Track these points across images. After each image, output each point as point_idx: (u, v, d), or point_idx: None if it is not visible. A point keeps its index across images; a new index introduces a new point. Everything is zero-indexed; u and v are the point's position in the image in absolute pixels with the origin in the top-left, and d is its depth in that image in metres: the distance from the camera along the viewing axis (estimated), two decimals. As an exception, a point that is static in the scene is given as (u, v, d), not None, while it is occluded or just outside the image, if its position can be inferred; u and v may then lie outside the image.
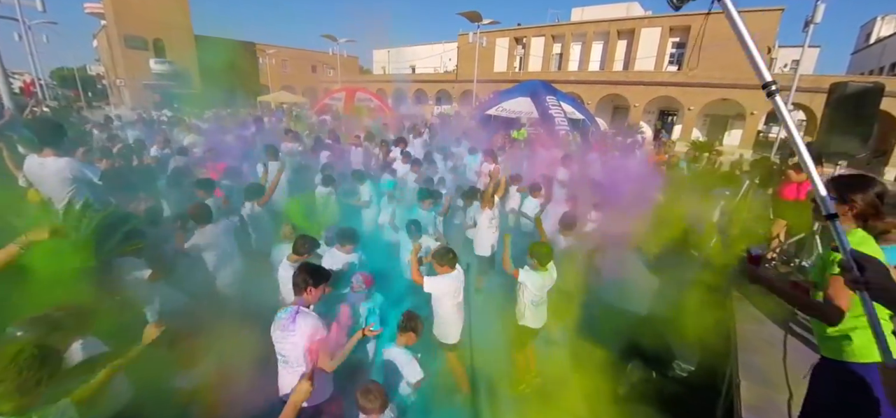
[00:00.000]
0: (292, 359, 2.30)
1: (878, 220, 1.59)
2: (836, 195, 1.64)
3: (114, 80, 28.84)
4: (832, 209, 1.22)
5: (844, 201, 1.62)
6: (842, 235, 1.19)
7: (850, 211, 1.61)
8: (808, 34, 11.07)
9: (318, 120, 14.43)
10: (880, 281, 1.08)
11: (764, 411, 2.52)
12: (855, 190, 1.61)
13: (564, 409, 3.50)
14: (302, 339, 2.26)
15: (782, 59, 25.60)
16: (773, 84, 1.28)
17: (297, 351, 2.27)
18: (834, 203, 1.62)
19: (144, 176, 5.23)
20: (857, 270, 1.10)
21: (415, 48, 36.29)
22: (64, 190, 3.10)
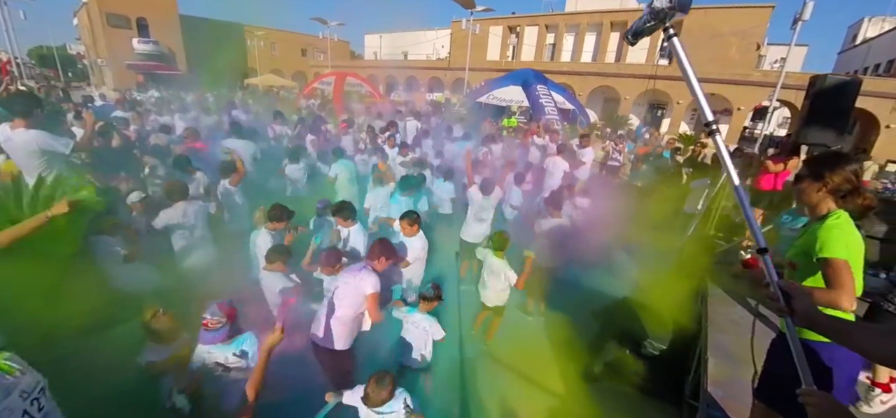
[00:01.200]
0: (340, 301, 2.65)
1: (855, 196, 1.58)
2: (808, 171, 1.64)
3: (95, 60, 27.87)
4: (764, 244, 1.31)
5: (818, 179, 1.61)
6: (771, 268, 1.29)
7: (824, 187, 1.60)
8: (796, 32, 11.21)
9: (306, 104, 14.23)
10: (805, 310, 1.18)
11: (728, 386, 2.63)
12: (827, 167, 1.60)
13: (542, 386, 3.60)
14: (361, 289, 2.62)
15: (772, 56, 25.93)
16: (715, 123, 1.39)
17: (349, 297, 2.64)
18: (807, 181, 1.65)
19: (124, 155, 5.15)
20: (783, 301, 1.21)
21: (407, 34, 35.81)
22: (33, 162, 3.01)
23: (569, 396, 3.51)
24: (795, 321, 1.21)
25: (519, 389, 3.53)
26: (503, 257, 3.59)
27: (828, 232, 1.56)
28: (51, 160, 3.09)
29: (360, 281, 2.65)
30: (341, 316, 2.65)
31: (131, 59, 26.54)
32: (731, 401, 2.50)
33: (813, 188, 1.63)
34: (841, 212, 1.59)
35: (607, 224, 5.98)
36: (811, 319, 1.18)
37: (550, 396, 3.51)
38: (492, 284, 3.67)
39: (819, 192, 1.61)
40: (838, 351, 1.54)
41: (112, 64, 25.90)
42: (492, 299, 3.71)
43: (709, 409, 2.47)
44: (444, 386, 3.47)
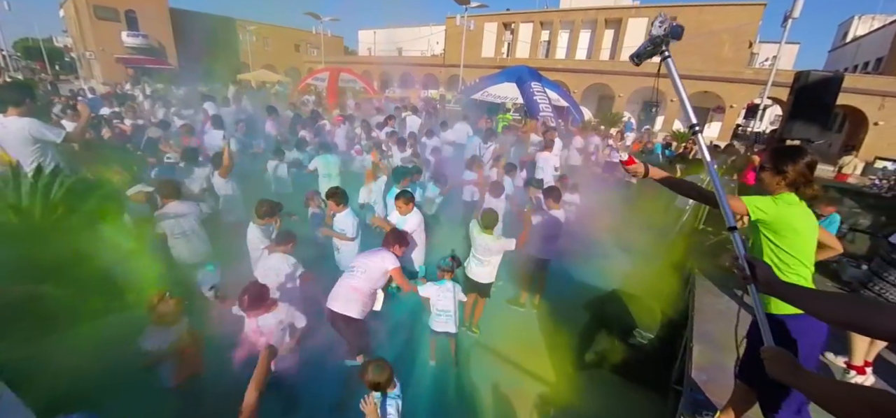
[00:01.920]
0: (360, 275, 3.00)
1: (807, 187, 1.77)
2: (770, 164, 1.81)
3: (83, 53, 27.36)
4: (733, 223, 1.53)
5: (779, 172, 1.78)
6: (739, 244, 1.48)
7: (783, 179, 1.77)
8: (787, 29, 11.38)
9: (300, 100, 14.16)
10: (765, 277, 1.36)
11: (711, 370, 2.73)
12: (787, 161, 1.77)
13: (533, 375, 3.69)
14: (382, 265, 3.02)
15: (764, 54, 26.24)
16: (696, 126, 1.64)
17: (370, 271, 3.00)
18: (769, 172, 1.83)
19: (116, 148, 5.16)
20: (748, 270, 1.38)
21: (402, 30, 35.65)
22: (27, 151, 3.03)
23: (559, 384, 3.61)
24: (759, 288, 1.37)
25: (510, 378, 3.61)
26: (491, 233, 3.68)
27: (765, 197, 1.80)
28: (43, 149, 3.11)
29: (382, 259, 3.05)
30: (359, 287, 2.98)
31: (120, 52, 26.11)
32: (714, 385, 2.60)
33: (774, 180, 1.80)
34: (790, 194, 1.78)
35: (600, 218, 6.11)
36: (770, 285, 1.34)
37: (541, 384, 3.60)
38: (485, 262, 3.74)
39: (778, 184, 1.79)
40: (804, 322, 1.71)
41: (100, 57, 25.45)
42: (480, 275, 3.78)
43: (692, 393, 2.56)
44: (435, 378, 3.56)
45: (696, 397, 2.51)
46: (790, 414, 1.81)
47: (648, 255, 5.91)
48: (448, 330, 3.47)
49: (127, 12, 26.46)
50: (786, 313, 1.72)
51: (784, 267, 1.76)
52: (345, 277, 3.05)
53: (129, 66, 24.78)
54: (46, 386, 2.11)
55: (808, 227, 1.77)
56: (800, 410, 1.81)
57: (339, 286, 3.03)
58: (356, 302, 2.97)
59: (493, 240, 3.65)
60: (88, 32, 25.95)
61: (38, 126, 3.11)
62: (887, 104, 16.14)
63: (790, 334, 1.75)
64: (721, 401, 2.30)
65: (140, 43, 26.68)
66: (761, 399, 1.95)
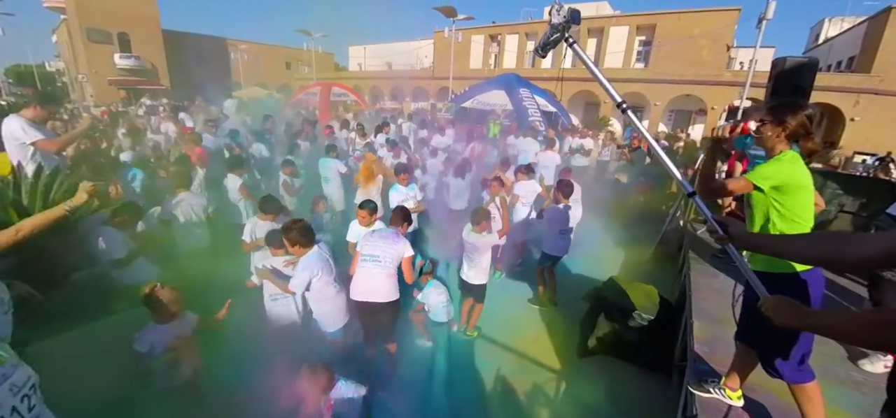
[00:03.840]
0: (385, 260, 3.02)
1: (807, 141, 1.73)
2: (771, 117, 1.77)
3: (75, 76, 27.24)
4: (690, 189, 1.61)
5: (780, 123, 1.74)
6: (704, 208, 1.57)
7: (784, 132, 1.72)
8: (761, 31, 11.84)
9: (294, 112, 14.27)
10: (737, 233, 1.42)
11: (713, 342, 2.80)
12: (787, 112, 1.72)
13: (540, 363, 3.72)
14: (401, 252, 3.06)
15: (740, 59, 27.12)
16: (624, 103, 1.74)
17: (393, 257, 3.03)
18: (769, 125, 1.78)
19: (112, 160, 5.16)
20: (720, 230, 1.43)
21: (390, 45, 36.17)
22: (23, 153, 3.06)
23: (565, 371, 3.64)
24: (735, 244, 1.43)
25: (517, 370, 3.63)
26: (479, 231, 3.65)
27: (767, 163, 1.78)
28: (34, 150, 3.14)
29: (400, 245, 3.08)
30: (391, 273, 3.05)
31: (113, 74, 26.07)
32: (716, 355, 2.67)
33: (774, 132, 1.75)
34: (788, 150, 1.75)
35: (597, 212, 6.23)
36: (744, 239, 1.41)
37: (546, 372, 3.63)
38: (474, 262, 3.73)
39: (778, 137, 1.76)
40: (800, 278, 1.71)
41: (93, 80, 25.36)
42: (471, 276, 3.77)
43: (696, 364, 2.62)
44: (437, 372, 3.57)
45: (701, 368, 2.57)
46: (791, 368, 1.83)
47: (644, 245, 6.03)
48: (447, 318, 3.87)
49: (120, 35, 26.56)
50: (781, 271, 1.71)
51: (793, 225, 1.73)
52: (371, 268, 3.00)
53: (122, 87, 24.72)
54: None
55: (810, 182, 1.73)
56: (802, 361, 1.81)
57: (369, 279, 3.00)
58: (393, 285, 3.08)
59: (479, 237, 3.64)
60: (81, 55, 25.92)
61: (28, 125, 3.14)
62: (862, 100, 16.76)
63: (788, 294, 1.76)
64: (724, 369, 2.36)
65: (132, 64, 26.70)
66: (762, 357, 1.98)
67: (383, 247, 3.05)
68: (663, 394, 3.30)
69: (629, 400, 3.32)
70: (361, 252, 3.06)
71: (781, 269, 1.73)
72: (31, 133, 3.15)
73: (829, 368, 2.55)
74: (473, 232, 3.65)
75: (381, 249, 3.04)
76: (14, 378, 1.37)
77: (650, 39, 22.51)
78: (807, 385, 1.84)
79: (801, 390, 1.86)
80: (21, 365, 1.44)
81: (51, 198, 2.79)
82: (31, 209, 2.67)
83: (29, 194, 2.68)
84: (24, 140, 3.13)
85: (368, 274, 3.01)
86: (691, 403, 2.31)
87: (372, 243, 3.07)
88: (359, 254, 3.09)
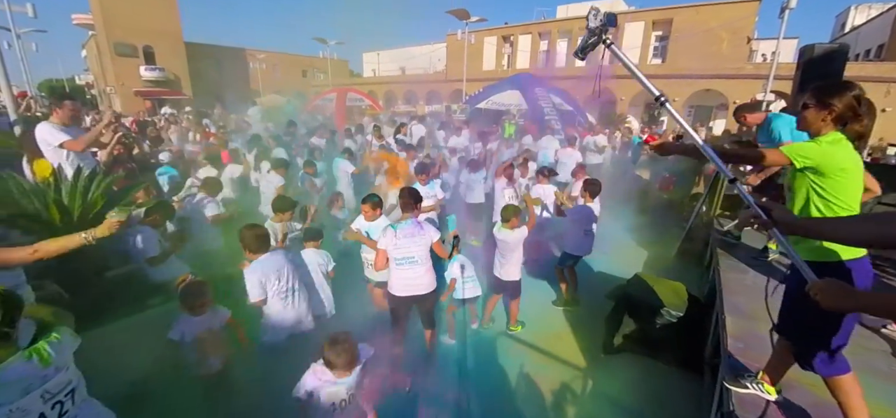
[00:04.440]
0: (421, 258, 3.04)
1: (855, 122, 1.63)
2: (814, 100, 1.67)
3: (103, 88, 28.54)
4: (732, 176, 1.60)
5: (824, 106, 1.63)
6: (745, 194, 1.52)
7: (830, 115, 1.62)
8: (784, 20, 11.47)
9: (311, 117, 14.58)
10: (782, 217, 1.36)
11: (746, 339, 2.71)
12: (833, 94, 1.63)
13: (565, 361, 3.67)
14: (430, 239, 3.06)
15: (762, 51, 26.28)
16: (662, 95, 1.78)
17: (425, 250, 3.04)
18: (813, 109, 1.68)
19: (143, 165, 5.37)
20: (764, 214, 1.38)
21: (404, 49, 36.52)
22: (59, 156, 3.22)
23: (590, 369, 3.58)
24: (780, 229, 1.38)
25: (539, 366, 3.60)
26: (510, 227, 3.67)
27: (806, 142, 1.69)
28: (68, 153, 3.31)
29: (426, 234, 3.08)
30: (426, 270, 3.10)
31: (138, 85, 27.19)
32: (750, 351, 2.58)
33: (819, 116, 1.66)
34: (834, 132, 1.65)
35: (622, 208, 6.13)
36: (789, 222, 1.36)
37: (572, 369, 3.57)
38: (507, 258, 3.75)
39: (823, 120, 1.66)
40: (847, 267, 1.62)
41: (120, 91, 26.52)
42: (507, 273, 3.78)
43: (730, 360, 2.54)
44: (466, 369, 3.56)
45: (735, 364, 2.49)
46: (825, 363, 1.76)
47: (668, 242, 5.89)
48: (477, 293, 3.77)
49: (145, 48, 27.71)
50: (826, 260, 1.63)
51: (833, 210, 1.64)
52: (409, 269, 3.03)
53: (147, 98, 25.75)
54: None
55: (856, 166, 1.62)
56: (834, 357, 1.74)
57: (410, 277, 3.04)
58: (433, 275, 3.17)
59: (510, 233, 3.66)
60: (109, 69, 27.16)
61: (43, 130, 3.30)
62: (893, 90, 15.99)
63: None
64: (759, 365, 2.28)
65: (157, 76, 27.84)
66: (797, 351, 1.91)
67: (413, 246, 3.01)
68: (694, 392, 3.20)
69: (658, 398, 3.23)
70: (394, 256, 3.00)
71: (826, 258, 1.65)
72: (58, 135, 3.30)
73: (870, 363, 2.45)
74: (504, 228, 3.67)
75: (413, 249, 3.01)
76: (50, 384, 1.38)
77: (667, 34, 22.07)
78: (842, 377, 1.75)
79: (837, 384, 1.78)
80: (64, 370, 1.44)
81: (89, 198, 2.92)
82: (71, 207, 2.80)
83: (69, 194, 2.81)
84: (53, 143, 3.29)
85: (408, 273, 3.05)
86: (727, 399, 2.24)
87: (401, 245, 2.99)
88: (387, 256, 3.01)
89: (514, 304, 3.99)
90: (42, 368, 1.35)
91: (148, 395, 2.68)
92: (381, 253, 3.01)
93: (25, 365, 1.32)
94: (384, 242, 2.97)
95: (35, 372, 1.33)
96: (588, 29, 1.73)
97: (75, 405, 1.47)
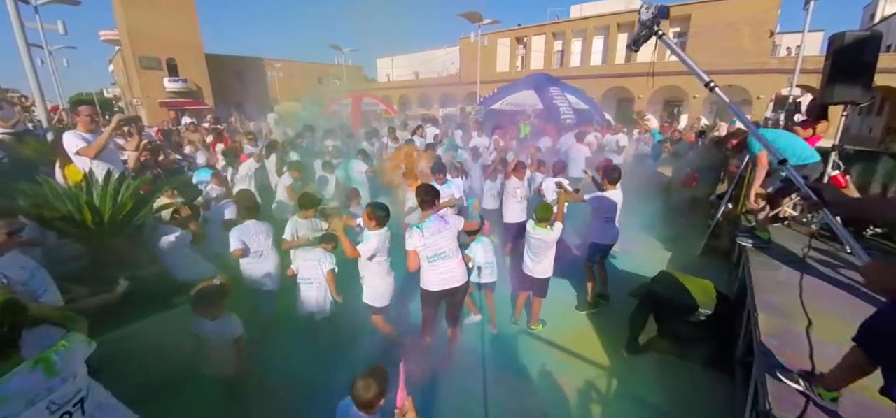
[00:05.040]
0: (452, 250, 3.03)
1: None
2: None
3: (130, 100, 29.83)
4: (783, 156, 1.64)
5: None
6: (797, 177, 1.55)
7: None
8: (809, 12, 11.04)
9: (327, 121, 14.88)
10: (833, 197, 1.33)
11: (782, 337, 2.58)
12: None
13: (589, 360, 3.60)
14: (456, 229, 3.09)
15: (785, 45, 25.36)
16: (711, 82, 1.85)
17: (454, 242, 3.05)
18: None
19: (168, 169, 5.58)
20: (815, 196, 1.33)
21: (417, 54, 36.83)
22: (85, 162, 3.34)
23: (614, 368, 3.49)
24: (831, 210, 1.31)
25: (561, 365, 3.53)
26: (546, 226, 3.62)
27: None
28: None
29: (452, 223, 3.10)
30: (458, 261, 3.11)
31: (162, 96, 28.32)
32: (787, 349, 2.46)
33: None
34: None
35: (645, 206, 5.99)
36: (840, 202, 1.32)
37: (595, 369, 3.49)
38: (540, 257, 3.71)
39: None
40: None
41: (145, 102, 27.66)
42: (537, 270, 3.74)
43: (765, 357, 2.43)
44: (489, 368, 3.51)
45: (771, 361, 2.38)
46: None
47: (693, 239, 5.71)
48: (493, 279, 3.82)
49: (168, 60, 28.86)
50: None
51: None
52: (443, 264, 3.02)
53: (171, 108, 26.70)
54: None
55: None
56: None
57: (445, 271, 3.04)
58: (465, 266, 3.21)
59: (547, 232, 3.61)
60: (135, 81, 28.38)
61: (66, 139, 3.43)
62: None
63: None
64: (793, 363, 2.18)
65: (180, 87, 28.93)
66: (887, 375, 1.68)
67: (442, 241, 2.98)
68: (725, 392, 3.09)
69: (687, 399, 3.12)
70: (426, 255, 2.97)
71: None
72: (76, 143, 3.39)
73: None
74: (539, 227, 3.64)
75: (443, 244, 2.98)
76: (56, 395, 1.30)
77: (685, 30, 21.56)
78: None
79: None
80: (71, 380, 1.35)
81: (119, 200, 3.03)
82: (102, 209, 2.90)
83: (100, 197, 2.92)
84: (71, 151, 3.42)
85: (442, 267, 3.02)
86: (763, 397, 2.14)
87: (431, 243, 2.95)
88: (419, 255, 2.99)
89: (537, 303, 3.94)
90: (47, 379, 1.28)
91: (174, 391, 2.74)
92: (412, 254, 2.97)
93: (29, 375, 1.25)
94: (413, 243, 2.94)
95: (40, 383, 1.26)
96: (640, 22, 1.89)
97: (86, 413, 1.40)
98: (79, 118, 3.49)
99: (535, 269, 3.74)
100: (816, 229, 4.33)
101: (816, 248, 3.94)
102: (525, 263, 3.82)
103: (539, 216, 3.63)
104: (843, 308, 2.87)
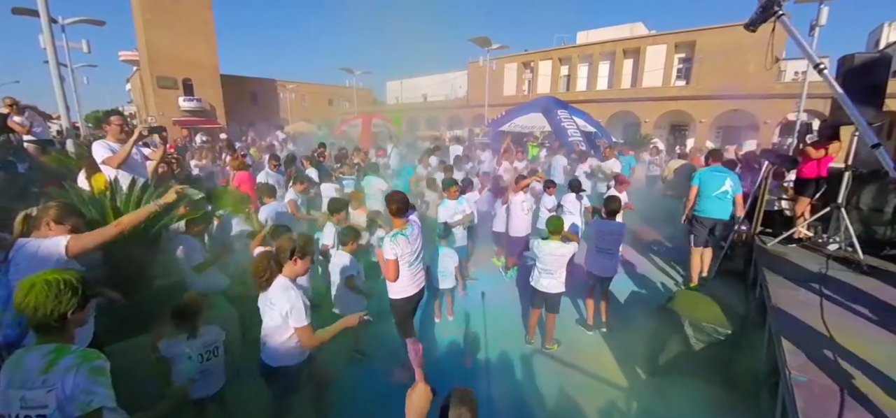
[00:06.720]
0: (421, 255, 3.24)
1: None
2: None
3: (145, 118, 30.67)
4: (875, 140, 1.62)
5: None
6: (887, 158, 1.53)
7: None
8: (815, 38, 11.16)
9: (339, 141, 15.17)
10: None
11: (807, 354, 2.53)
12: None
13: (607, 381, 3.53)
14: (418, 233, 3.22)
15: (792, 70, 25.53)
16: (820, 64, 1.91)
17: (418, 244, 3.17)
18: None
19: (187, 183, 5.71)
20: None
21: (426, 78, 37.66)
22: (111, 170, 3.40)
23: (634, 390, 3.42)
24: None
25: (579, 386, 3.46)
26: (559, 239, 3.63)
27: None
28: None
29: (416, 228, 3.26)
30: None
31: (177, 115, 29.07)
32: (812, 366, 2.41)
33: None
34: None
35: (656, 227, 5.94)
36: None
37: (614, 390, 3.42)
38: (553, 272, 3.68)
39: None
40: None
41: (160, 120, 28.40)
42: (549, 286, 3.70)
43: (790, 377, 2.37)
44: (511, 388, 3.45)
45: (798, 379, 2.32)
46: None
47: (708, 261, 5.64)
48: (448, 285, 4.18)
49: (184, 80, 29.73)
50: None
51: None
52: (419, 262, 3.21)
53: (185, 126, 27.37)
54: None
55: None
56: None
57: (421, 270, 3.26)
58: None
59: (559, 246, 3.61)
60: (151, 99, 29.24)
61: (95, 148, 3.51)
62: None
63: None
64: (821, 382, 2.14)
65: (194, 106, 29.70)
66: None
67: (418, 243, 3.15)
68: (748, 413, 3.02)
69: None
70: (408, 260, 3.06)
71: None
72: (103, 153, 3.44)
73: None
74: (552, 240, 3.64)
75: (417, 246, 3.15)
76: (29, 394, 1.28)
77: (690, 56, 21.88)
78: None
79: None
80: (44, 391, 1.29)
81: (141, 206, 3.09)
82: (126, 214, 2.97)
83: (124, 203, 3.00)
84: (98, 160, 3.49)
85: (416, 271, 3.17)
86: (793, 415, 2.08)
87: (416, 247, 3.13)
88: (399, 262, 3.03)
89: (551, 320, 3.87)
90: (40, 373, 1.29)
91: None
92: (391, 263, 2.96)
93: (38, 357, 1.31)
94: (398, 251, 2.95)
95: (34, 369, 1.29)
96: (759, 4, 2.00)
97: None
98: (109, 128, 3.58)
99: (549, 285, 3.70)
100: (833, 251, 4.29)
101: (833, 266, 3.91)
102: (536, 279, 3.78)
103: (551, 229, 3.63)
104: (867, 327, 2.86)
